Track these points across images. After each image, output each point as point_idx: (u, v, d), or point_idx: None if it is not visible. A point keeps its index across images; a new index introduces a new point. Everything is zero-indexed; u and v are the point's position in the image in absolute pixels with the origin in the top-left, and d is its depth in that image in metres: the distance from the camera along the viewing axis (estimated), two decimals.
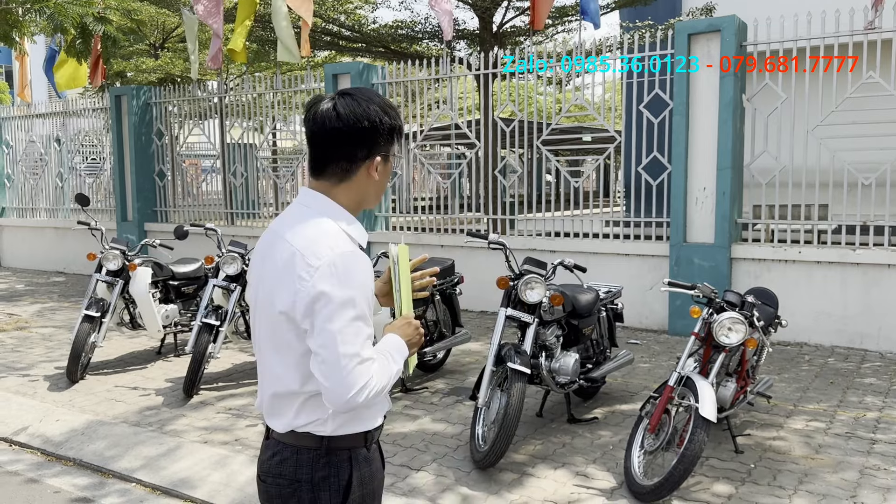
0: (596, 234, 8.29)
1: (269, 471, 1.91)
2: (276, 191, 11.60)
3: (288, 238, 1.82)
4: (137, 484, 4.43)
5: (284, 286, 1.79)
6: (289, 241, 1.81)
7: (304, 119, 1.90)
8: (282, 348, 1.84)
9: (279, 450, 1.90)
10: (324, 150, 1.87)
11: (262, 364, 1.94)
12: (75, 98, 13.42)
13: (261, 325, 1.91)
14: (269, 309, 1.84)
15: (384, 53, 13.73)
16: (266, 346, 1.89)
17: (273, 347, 1.86)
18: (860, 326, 6.93)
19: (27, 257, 13.75)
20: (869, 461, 4.35)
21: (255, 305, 1.94)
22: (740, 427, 4.87)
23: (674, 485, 3.68)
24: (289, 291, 1.78)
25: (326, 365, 1.74)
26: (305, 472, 1.86)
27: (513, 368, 4.23)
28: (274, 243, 1.87)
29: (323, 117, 1.84)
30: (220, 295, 6.02)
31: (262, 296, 1.89)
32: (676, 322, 7.60)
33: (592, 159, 8.98)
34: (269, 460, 1.91)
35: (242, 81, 11.78)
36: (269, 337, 1.87)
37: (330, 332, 1.73)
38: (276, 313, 1.81)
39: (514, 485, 4.09)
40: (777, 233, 7.43)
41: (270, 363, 1.88)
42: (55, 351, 7.23)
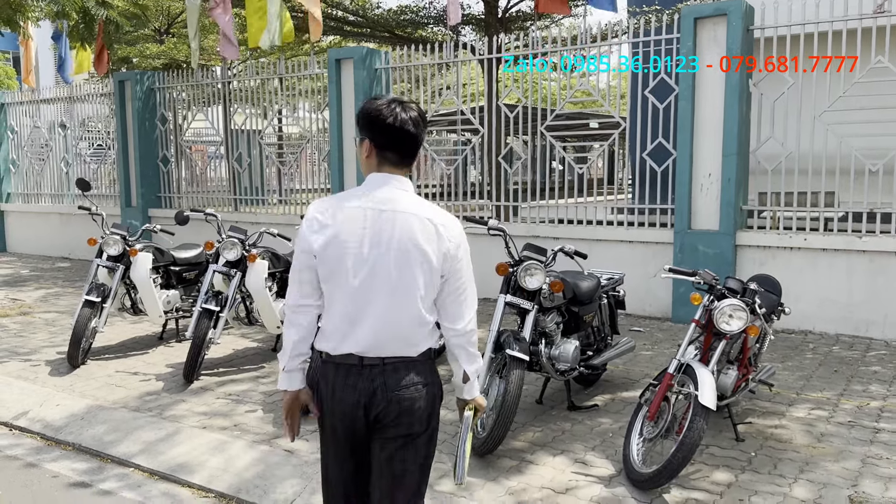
0: (600, 221, 8.23)
1: (408, 384, 2.44)
2: (280, 177, 11.57)
3: (420, 213, 2.42)
4: (136, 469, 4.43)
5: (430, 246, 2.40)
6: (425, 216, 2.42)
7: (391, 119, 2.42)
8: (415, 293, 2.41)
9: (413, 366, 2.46)
10: (414, 147, 2.49)
11: (384, 307, 2.41)
12: (80, 84, 13.37)
13: (395, 278, 2.40)
14: (415, 262, 2.39)
15: (389, 38, 13.65)
16: (404, 293, 2.41)
17: (415, 294, 2.41)
18: (866, 314, 6.86)
19: (32, 243, 13.78)
20: (871, 450, 4.30)
21: (373, 263, 2.40)
22: (741, 415, 4.83)
23: (672, 472, 3.65)
24: (435, 250, 2.40)
25: (465, 297, 2.51)
26: (433, 375, 2.54)
27: (511, 355, 4.19)
28: (400, 217, 2.41)
29: (416, 121, 2.45)
30: (220, 280, 6.00)
31: (401, 252, 2.39)
32: (680, 309, 7.55)
33: (598, 146, 8.91)
34: (398, 375, 2.43)
35: (246, 68, 11.73)
36: (411, 287, 2.41)
37: (467, 275, 2.51)
38: (424, 266, 2.40)
39: (513, 472, 4.06)
40: (782, 220, 7.36)
41: (408, 306, 2.42)
42: (58, 336, 7.24)
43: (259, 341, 7.00)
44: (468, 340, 2.55)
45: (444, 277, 2.45)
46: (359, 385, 2.42)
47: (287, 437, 2.64)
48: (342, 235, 2.41)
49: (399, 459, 2.47)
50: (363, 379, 2.42)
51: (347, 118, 9.59)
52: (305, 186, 11.10)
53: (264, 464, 4.27)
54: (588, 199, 8.47)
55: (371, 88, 9.45)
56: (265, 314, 5.98)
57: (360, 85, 9.36)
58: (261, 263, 5.89)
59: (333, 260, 2.42)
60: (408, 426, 2.46)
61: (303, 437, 4.57)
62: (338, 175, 9.74)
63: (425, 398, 2.48)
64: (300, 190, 11.02)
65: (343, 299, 2.43)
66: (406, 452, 2.48)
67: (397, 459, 2.47)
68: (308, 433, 4.64)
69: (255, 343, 6.94)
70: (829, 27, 6.98)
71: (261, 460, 4.31)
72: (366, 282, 2.41)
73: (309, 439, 4.54)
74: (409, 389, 2.44)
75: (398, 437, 2.46)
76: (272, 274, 6.09)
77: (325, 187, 11.25)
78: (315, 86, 10.41)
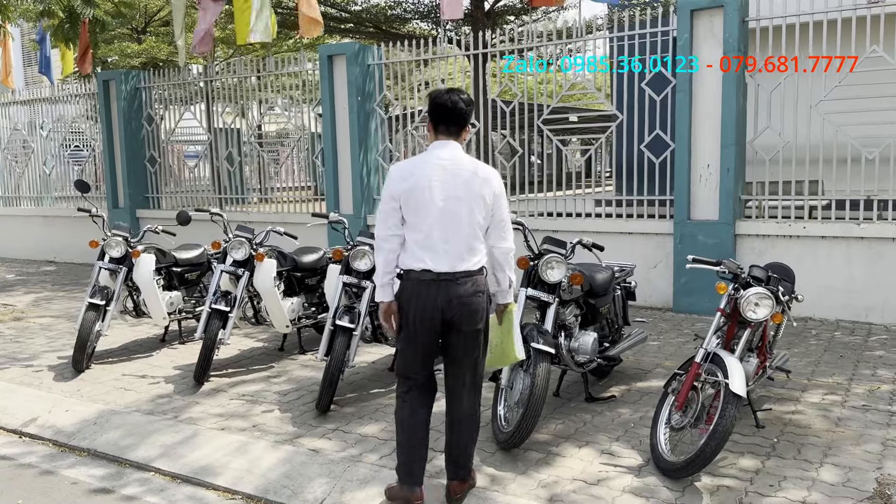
0: (598, 213, 8.27)
1: (473, 291, 3.46)
2: (262, 175, 11.44)
3: (471, 167, 3.51)
4: (156, 473, 4.37)
5: (483, 190, 3.48)
6: (475, 169, 3.51)
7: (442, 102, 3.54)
8: (475, 224, 3.48)
9: (471, 278, 3.46)
10: (461, 119, 3.57)
11: (454, 236, 3.44)
12: (58, 84, 13.13)
13: (462, 216, 3.45)
14: (476, 204, 3.46)
15: (375, 34, 13.58)
16: (469, 227, 3.46)
17: (476, 226, 3.48)
18: (865, 300, 6.97)
19: (14, 246, 13.52)
20: (890, 433, 4.37)
21: (444, 206, 3.43)
22: (758, 402, 4.88)
23: (705, 460, 3.67)
24: (487, 193, 3.49)
25: (508, 227, 3.59)
26: (486, 286, 3.54)
27: (537, 348, 4.19)
28: (459, 170, 3.48)
29: (465, 101, 3.56)
30: (226, 280, 5.92)
31: (464, 197, 3.45)
32: (681, 300, 7.62)
33: (592, 139, 8.95)
34: (466, 287, 3.44)
35: (228, 66, 11.59)
36: (473, 222, 3.47)
37: (507, 211, 3.60)
38: (482, 206, 3.48)
39: (541, 464, 4.07)
40: (780, 209, 7.44)
41: (471, 235, 3.47)
42: (56, 341, 7.12)
43: (264, 341, 6.94)
44: (509, 256, 3.60)
45: (492, 212, 3.52)
46: (438, 294, 3.41)
47: (390, 333, 3.94)
48: (421, 182, 3.43)
49: (471, 346, 3.54)
50: (441, 290, 3.41)
51: (340, 114, 9.52)
52: (296, 184, 11.01)
53: (290, 464, 4.23)
54: (587, 190, 8.50)
55: (364, 84, 9.39)
56: (274, 313, 5.92)
57: (353, 81, 9.30)
58: (269, 262, 5.83)
59: (414, 202, 3.43)
60: (475, 323, 3.50)
61: (326, 437, 4.54)
62: (332, 171, 9.67)
63: (484, 303, 3.51)
64: (291, 188, 10.93)
65: (422, 230, 3.44)
66: (474, 340, 3.55)
67: (470, 346, 3.54)
68: (330, 432, 4.62)
69: (261, 343, 6.88)
70: (823, 17, 7.07)
71: (286, 460, 4.27)
72: (439, 218, 3.42)
73: (332, 438, 4.51)
74: (473, 297, 3.46)
75: (470, 331, 3.50)
76: (279, 273, 6.03)
77: (308, 185, 11.19)
78: (297, 82, 10.30)
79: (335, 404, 5.05)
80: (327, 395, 4.89)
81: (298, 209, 10.52)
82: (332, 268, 5.68)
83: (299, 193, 10.89)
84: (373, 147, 9.58)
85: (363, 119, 9.40)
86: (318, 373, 5.69)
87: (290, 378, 5.78)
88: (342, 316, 5.02)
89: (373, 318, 5.44)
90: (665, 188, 7.89)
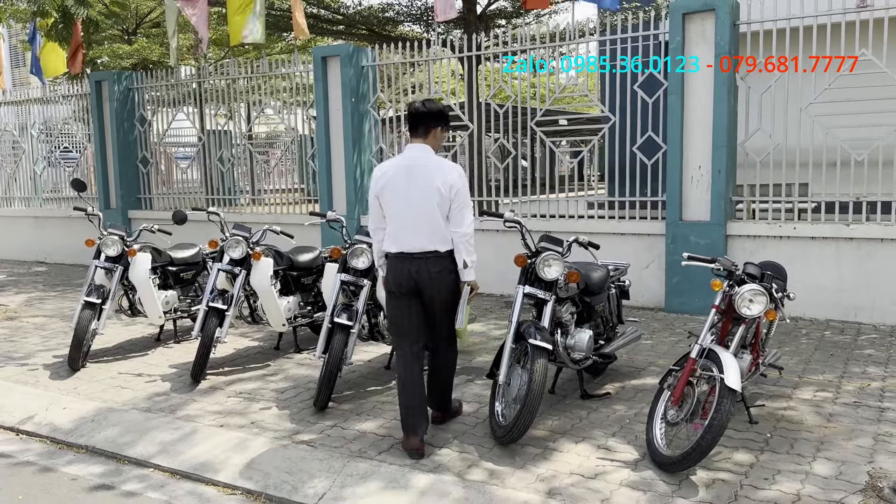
0: (591, 215, 8.34)
1: (439, 269, 4.17)
2: (252, 177, 11.45)
3: (432, 164, 4.15)
4: (155, 469, 4.39)
5: (440, 183, 4.08)
6: (436, 165, 4.14)
7: (412, 109, 4.22)
8: (433, 212, 4.09)
9: (438, 258, 4.16)
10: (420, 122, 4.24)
11: (417, 222, 4.13)
12: (48, 85, 13.09)
13: (420, 205, 4.10)
14: (431, 194, 4.08)
15: (367, 36, 13.63)
16: (427, 214, 4.10)
17: (434, 213, 4.10)
18: (855, 300, 7.07)
19: (6, 247, 13.45)
20: (881, 428, 4.45)
21: (407, 197, 4.14)
22: (750, 398, 4.95)
23: (701, 454, 3.73)
24: (444, 184, 4.08)
25: (465, 215, 4.16)
26: (453, 265, 4.21)
27: (534, 345, 4.24)
28: (420, 167, 4.13)
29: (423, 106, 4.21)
30: (223, 279, 5.94)
31: (422, 189, 4.10)
32: (673, 299, 7.69)
33: (584, 141, 9.02)
34: (434, 266, 4.16)
35: (220, 67, 11.59)
36: (431, 209, 4.09)
37: (465, 199, 4.17)
38: (437, 196, 4.07)
39: (539, 459, 4.12)
40: (771, 211, 7.53)
41: (430, 221, 4.11)
42: (51, 340, 7.11)
43: (260, 340, 6.96)
44: (466, 240, 4.15)
45: (451, 200, 4.09)
46: (410, 269, 4.16)
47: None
48: (393, 181, 4.16)
49: (441, 310, 4.27)
50: (413, 265, 4.16)
51: (334, 115, 9.55)
52: (288, 186, 11.03)
53: (289, 460, 4.26)
54: (580, 192, 8.58)
55: (358, 86, 9.43)
56: (270, 312, 5.94)
57: (347, 83, 9.34)
58: (265, 261, 5.86)
59: (387, 197, 4.18)
60: (443, 293, 4.22)
61: (325, 433, 4.57)
62: (325, 172, 9.70)
63: (448, 278, 4.20)
64: (282, 190, 10.95)
65: (395, 220, 4.18)
66: (443, 304, 4.25)
67: (439, 311, 4.26)
68: (328, 428, 4.65)
69: (256, 342, 6.90)
70: (813, 21, 7.17)
71: (285, 457, 4.29)
72: (405, 209, 4.13)
73: (331, 434, 4.54)
74: (441, 273, 4.18)
75: (439, 300, 4.23)
76: (276, 272, 6.05)
77: (300, 187, 11.20)
78: (289, 84, 10.33)
79: (333, 401, 5.08)
80: (325, 392, 4.92)
81: (291, 210, 10.54)
82: (329, 266, 5.72)
83: (290, 196, 10.91)
84: (366, 148, 9.62)
85: (357, 120, 9.45)
86: (315, 371, 5.72)
87: (287, 376, 5.81)
88: (340, 314, 5.06)
89: (370, 316, 5.48)
90: (657, 189, 7.97)
